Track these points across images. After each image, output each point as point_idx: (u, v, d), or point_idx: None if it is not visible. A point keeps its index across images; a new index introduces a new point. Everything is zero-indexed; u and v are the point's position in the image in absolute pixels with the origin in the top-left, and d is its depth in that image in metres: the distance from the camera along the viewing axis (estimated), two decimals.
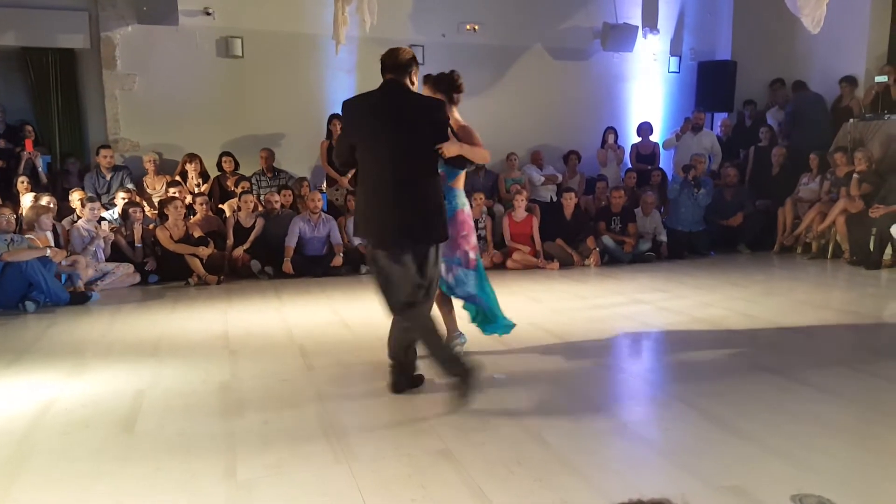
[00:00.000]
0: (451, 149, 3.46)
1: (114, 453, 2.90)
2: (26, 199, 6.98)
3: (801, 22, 6.65)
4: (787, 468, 2.69)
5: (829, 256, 7.98)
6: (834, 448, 2.90)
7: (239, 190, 7.88)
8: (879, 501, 2.49)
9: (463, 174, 4.00)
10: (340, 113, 3.69)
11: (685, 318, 5.22)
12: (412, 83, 3.50)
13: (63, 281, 6.10)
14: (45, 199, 6.80)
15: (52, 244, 6.31)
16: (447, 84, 3.95)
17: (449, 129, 3.51)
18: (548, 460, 2.78)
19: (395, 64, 3.42)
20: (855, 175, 7.74)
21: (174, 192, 7.58)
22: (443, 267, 3.87)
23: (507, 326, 4.23)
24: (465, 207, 4.01)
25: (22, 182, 7.29)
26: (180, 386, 3.77)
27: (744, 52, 10.46)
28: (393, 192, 3.35)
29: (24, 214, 6.60)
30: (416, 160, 3.39)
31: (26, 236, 6.05)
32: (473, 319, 4.30)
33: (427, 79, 3.99)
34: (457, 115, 3.96)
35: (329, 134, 8.32)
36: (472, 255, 4.04)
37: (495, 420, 3.25)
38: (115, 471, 2.73)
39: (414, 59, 3.50)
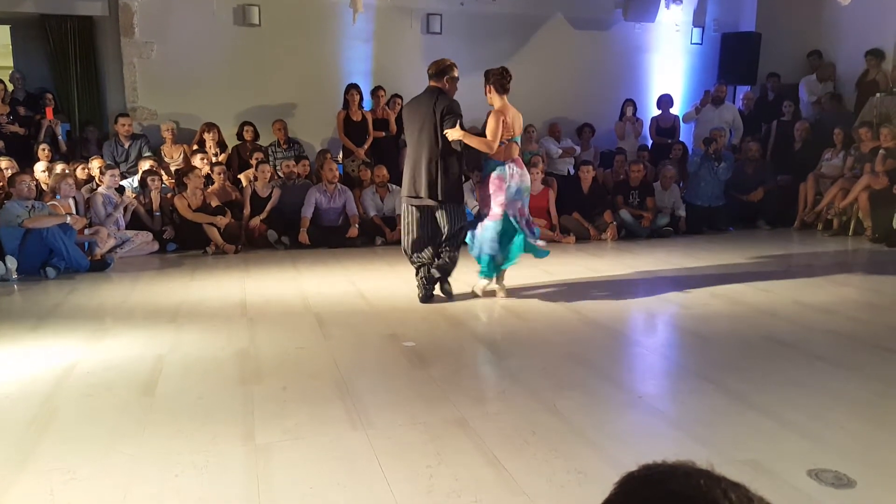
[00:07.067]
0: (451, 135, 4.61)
1: (135, 416, 2.96)
2: (38, 167, 7.01)
3: None
4: (804, 443, 2.69)
5: (850, 233, 7.88)
6: (851, 424, 2.89)
7: (254, 160, 7.89)
8: None
9: (503, 147, 4.77)
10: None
11: (702, 293, 5.19)
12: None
13: (85, 248, 6.18)
14: (59, 167, 6.83)
15: (74, 211, 6.37)
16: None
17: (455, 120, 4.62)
18: (562, 431, 2.80)
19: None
20: (881, 151, 7.59)
21: (201, 158, 7.62)
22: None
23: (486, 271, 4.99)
24: (494, 175, 4.83)
25: (43, 149, 7.34)
26: (199, 352, 3.82)
27: (768, 24, 10.22)
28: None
29: (41, 181, 6.65)
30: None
31: (48, 203, 6.11)
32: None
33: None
34: (497, 101, 4.79)
35: (346, 104, 8.27)
36: (497, 210, 4.83)
37: (510, 390, 3.27)
38: (136, 432, 2.78)
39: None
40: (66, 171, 6.80)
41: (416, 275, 4.94)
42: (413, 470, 2.46)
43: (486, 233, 4.85)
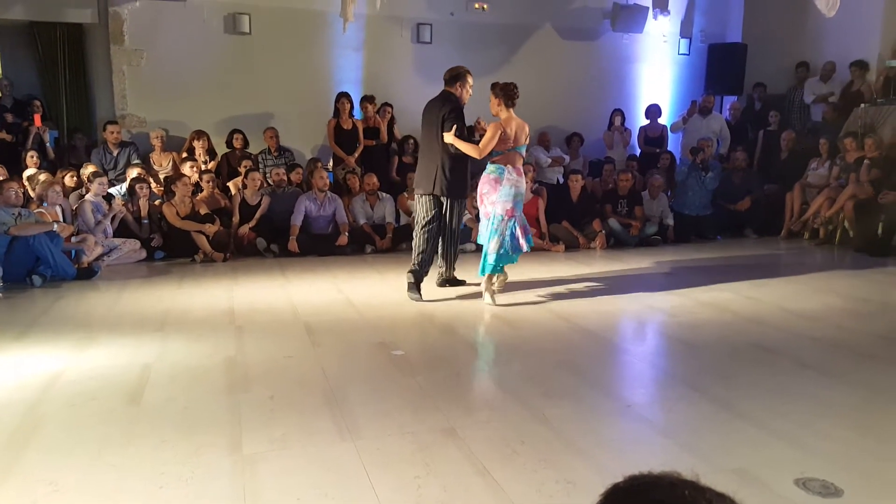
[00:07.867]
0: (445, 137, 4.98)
1: (120, 425, 2.93)
2: (26, 175, 6.94)
3: (813, 4, 6.57)
4: (791, 451, 2.70)
5: (836, 242, 7.94)
6: (838, 432, 2.91)
7: (243, 168, 7.87)
8: (883, 486, 2.49)
9: (504, 155, 4.99)
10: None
11: (690, 301, 5.22)
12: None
13: (72, 256, 6.13)
14: (42, 176, 6.77)
15: (61, 219, 6.33)
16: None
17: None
18: (551, 440, 2.79)
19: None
20: (866, 161, 7.67)
21: (191, 166, 7.59)
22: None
23: (489, 265, 5.02)
24: (489, 175, 5.02)
25: (31, 157, 7.29)
26: (186, 360, 3.79)
27: (755, 35, 10.34)
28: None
29: (28, 188, 6.60)
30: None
31: (34, 210, 6.07)
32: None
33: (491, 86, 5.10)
34: (503, 113, 5.02)
35: (336, 112, 8.28)
36: (486, 209, 5.07)
37: (499, 399, 3.27)
38: (122, 442, 2.75)
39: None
40: (52, 179, 6.75)
41: (415, 258, 5.20)
42: (401, 480, 2.45)
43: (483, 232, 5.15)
